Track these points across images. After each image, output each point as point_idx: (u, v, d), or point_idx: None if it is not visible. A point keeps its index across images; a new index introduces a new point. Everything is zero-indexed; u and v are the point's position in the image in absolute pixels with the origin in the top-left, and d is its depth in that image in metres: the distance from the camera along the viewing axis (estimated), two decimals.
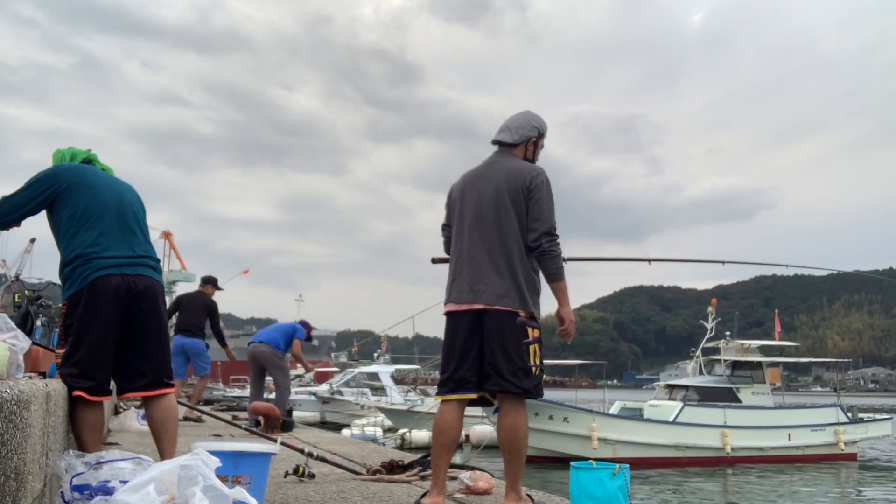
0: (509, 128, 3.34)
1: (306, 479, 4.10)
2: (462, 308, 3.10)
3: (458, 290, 3.13)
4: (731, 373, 21.24)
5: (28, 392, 1.92)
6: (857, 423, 21.14)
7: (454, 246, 3.26)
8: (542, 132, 3.39)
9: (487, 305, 3.03)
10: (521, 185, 3.12)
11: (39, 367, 3.26)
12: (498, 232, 3.10)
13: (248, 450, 2.94)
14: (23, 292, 11.36)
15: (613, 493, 2.99)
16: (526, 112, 3.43)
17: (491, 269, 3.06)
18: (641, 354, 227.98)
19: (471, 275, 3.10)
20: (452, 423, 3.08)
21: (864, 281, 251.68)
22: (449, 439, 3.07)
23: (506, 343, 2.99)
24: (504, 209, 3.11)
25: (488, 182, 3.19)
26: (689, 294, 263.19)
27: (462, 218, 3.24)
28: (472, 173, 3.34)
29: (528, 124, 3.34)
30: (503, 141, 3.33)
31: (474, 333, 3.07)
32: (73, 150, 3.33)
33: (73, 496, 2.36)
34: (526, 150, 3.34)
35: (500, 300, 3.02)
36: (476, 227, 3.15)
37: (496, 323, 3.02)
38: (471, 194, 3.23)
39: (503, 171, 3.19)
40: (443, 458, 3.06)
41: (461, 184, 3.34)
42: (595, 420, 18.33)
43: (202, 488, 1.93)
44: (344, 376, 34.96)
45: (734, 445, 18.88)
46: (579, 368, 67.55)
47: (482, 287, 3.05)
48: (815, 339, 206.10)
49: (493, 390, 3.03)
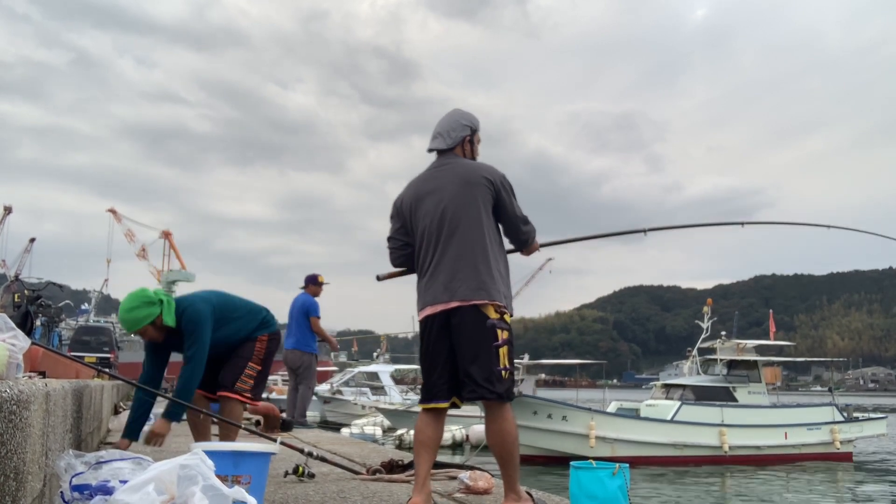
0: (441, 133, 3.28)
1: (306, 478, 4.10)
2: (437, 310, 3.06)
3: (434, 292, 3.09)
4: (728, 372, 21.33)
5: (28, 392, 1.92)
6: (852, 422, 21.25)
7: (423, 256, 3.19)
8: (475, 128, 3.34)
9: (463, 301, 3.00)
10: (483, 183, 3.11)
11: (39, 366, 3.26)
12: (468, 232, 3.08)
13: (247, 450, 2.94)
14: (22, 292, 11.40)
15: (613, 493, 2.99)
16: (453, 112, 3.36)
17: (466, 265, 3.04)
18: (641, 354, 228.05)
19: (445, 275, 3.07)
20: (427, 427, 3.09)
21: (864, 280, 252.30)
22: (426, 438, 3.07)
23: (477, 348, 2.97)
24: (470, 208, 3.09)
25: (445, 185, 3.15)
26: (689, 294, 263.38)
27: (425, 226, 3.18)
28: (423, 180, 3.27)
29: (458, 124, 3.29)
30: (439, 148, 3.27)
31: (443, 338, 3.06)
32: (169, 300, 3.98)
33: (73, 496, 2.36)
34: (464, 150, 3.30)
35: (476, 293, 3.00)
36: (443, 232, 3.11)
37: (466, 326, 3.00)
38: (429, 201, 3.17)
39: (458, 173, 3.16)
40: (422, 458, 3.04)
41: (413, 192, 3.27)
42: (593, 419, 18.36)
43: (202, 488, 1.93)
44: (344, 376, 35.02)
45: (732, 444, 18.95)
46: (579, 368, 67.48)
47: (457, 284, 3.03)
48: (814, 339, 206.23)
49: (470, 397, 3.01)
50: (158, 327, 3.92)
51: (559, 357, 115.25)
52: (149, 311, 3.87)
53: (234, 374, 4.18)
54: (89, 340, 25.62)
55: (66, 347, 24.16)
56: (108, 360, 23.91)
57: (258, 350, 4.26)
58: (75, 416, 3.33)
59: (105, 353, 24.39)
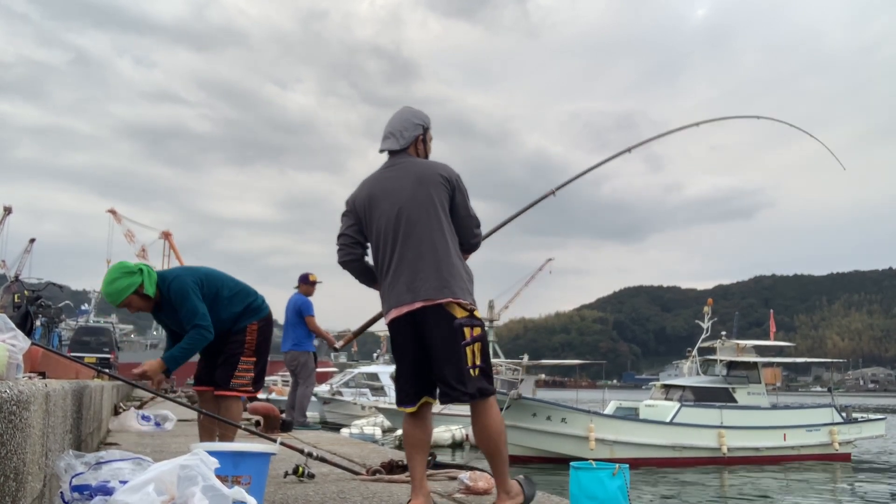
0: (393, 133, 3.17)
1: (306, 479, 4.10)
2: (402, 312, 2.98)
3: (397, 294, 3.00)
4: (727, 373, 21.32)
5: (28, 392, 1.92)
6: (851, 423, 21.26)
7: (381, 258, 3.11)
8: (427, 126, 3.24)
9: (426, 301, 2.93)
10: (439, 182, 3.05)
11: (39, 367, 3.26)
12: (428, 230, 3.00)
13: (247, 450, 2.94)
14: (22, 292, 11.39)
15: (613, 494, 2.99)
16: (404, 110, 3.25)
17: (427, 265, 2.96)
18: (641, 355, 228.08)
19: (406, 275, 2.99)
20: (414, 429, 3.06)
21: (864, 281, 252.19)
22: (415, 440, 3.04)
23: (445, 349, 2.91)
24: (428, 207, 3.02)
25: (401, 185, 3.07)
26: (689, 294, 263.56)
27: (380, 227, 3.08)
28: (377, 180, 3.17)
29: (410, 124, 3.18)
30: (391, 149, 3.17)
31: (410, 339, 2.99)
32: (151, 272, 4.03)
33: (73, 496, 2.36)
34: (417, 150, 3.21)
35: (440, 292, 2.93)
36: (400, 232, 3.03)
37: (432, 326, 2.93)
38: (384, 202, 3.08)
39: (413, 172, 3.08)
40: (415, 459, 3.03)
41: (367, 192, 3.16)
42: (593, 420, 18.34)
43: (202, 488, 1.93)
44: (344, 376, 35.00)
45: (731, 446, 18.94)
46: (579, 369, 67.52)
47: (419, 283, 2.95)
48: (814, 339, 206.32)
49: (444, 401, 2.97)
50: (143, 297, 3.94)
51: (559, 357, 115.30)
52: (130, 281, 3.89)
53: (228, 371, 4.18)
54: (89, 341, 25.63)
55: (65, 348, 24.15)
56: (108, 360, 23.91)
57: (249, 341, 4.24)
58: (75, 417, 3.33)
59: (105, 354, 24.40)
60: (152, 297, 3.97)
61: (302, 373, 8.41)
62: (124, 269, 3.93)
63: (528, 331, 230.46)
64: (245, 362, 4.21)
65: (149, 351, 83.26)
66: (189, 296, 3.97)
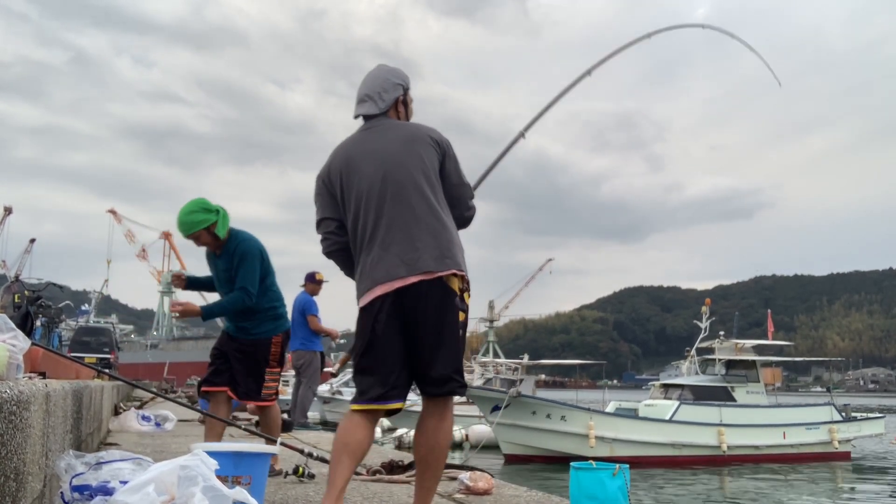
0: (370, 96, 2.77)
1: (306, 479, 4.10)
2: (392, 287, 2.51)
3: (386, 267, 2.53)
4: (726, 372, 21.36)
5: (28, 392, 1.92)
6: (850, 421, 21.30)
7: (361, 225, 2.63)
8: (407, 86, 2.85)
9: (425, 274, 2.49)
10: (429, 142, 2.67)
11: (39, 367, 3.26)
12: (416, 193, 2.59)
13: (247, 450, 2.94)
14: (23, 293, 11.37)
15: (613, 494, 3.00)
16: (380, 68, 2.86)
17: (424, 231, 2.55)
18: (641, 355, 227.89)
19: (399, 243, 2.54)
20: (359, 430, 2.57)
21: (864, 281, 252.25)
22: (355, 444, 2.54)
23: (443, 332, 2.50)
24: (418, 167, 2.63)
25: (385, 144, 2.67)
26: (689, 294, 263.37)
27: (362, 190, 2.64)
28: (354, 142, 2.76)
29: (389, 83, 2.79)
30: (369, 113, 2.76)
31: (394, 322, 2.52)
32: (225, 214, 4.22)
33: (73, 496, 2.36)
34: (398, 113, 2.82)
35: (441, 263, 2.52)
36: (387, 194, 2.60)
37: (430, 304, 2.50)
38: (366, 163, 2.66)
39: (398, 132, 2.70)
40: (343, 465, 2.50)
41: (343, 156, 2.73)
42: (592, 419, 18.37)
43: (202, 489, 1.93)
44: (344, 376, 34.93)
45: (730, 444, 18.96)
46: (579, 369, 67.47)
47: (415, 254, 2.51)
48: (814, 340, 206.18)
49: (435, 393, 2.53)
50: (212, 235, 4.16)
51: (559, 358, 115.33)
52: (205, 217, 4.11)
53: (257, 382, 4.33)
54: (89, 341, 25.60)
55: (66, 348, 24.13)
56: (109, 360, 23.90)
57: (274, 353, 4.38)
58: (75, 417, 3.34)
59: (105, 354, 24.38)
60: (221, 238, 4.18)
61: (306, 371, 8.41)
62: (203, 204, 4.15)
63: (528, 331, 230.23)
64: (270, 373, 4.38)
65: (149, 351, 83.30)
66: (252, 260, 4.19)
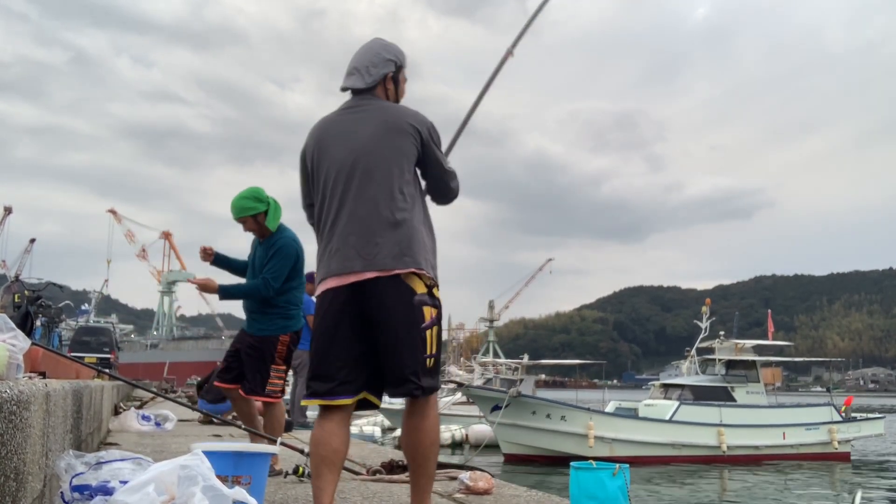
0: (358, 69, 2.64)
1: (306, 479, 4.09)
2: (346, 281, 2.46)
3: (341, 259, 2.48)
4: (726, 372, 21.37)
5: (28, 392, 1.92)
6: (850, 421, 21.29)
7: (325, 213, 2.57)
8: (400, 63, 2.71)
9: (382, 271, 2.43)
10: (408, 131, 2.54)
11: (39, 367, 3.26)
12: (388, 186, 2.49)
13: (247, 450, 2.94)
14: (23, 292, 11.37)
15: (613, 494, 3.00)
16: (373, 43, 2.72)
17: (384, 226, 2.46)
18: (641, 355, 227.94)
19: (357, 236, 2.47)
20: (331, 436, 2.48)
21: (864, 281, 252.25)
22: (330, 452, 2.46)
23: (400, 332, 2.42)
24: (392, 160, 2.52)
25: (359, 128, 2.56)
26: (689, 294, 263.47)
27: (329, 176, 2.57)
28: (330, 122, 2.66)
29: (380, 58, 2.65)
30: (355, 87, 2.64)
31: (346, 316, 2.47)
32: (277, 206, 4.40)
33: (73, 496, 2.36)
34: (386, 91, 2.67)
35: (399, 261, 2.44)
36: (353, 182, 2.52)
37: (386, 302, 2.43)
38: (336, 147, 2.57)
39: (375, 116, 2.57)
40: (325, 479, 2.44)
41: (317, 136, 2.65)
42: (592, 419, 18.37)
43: (202, 488, 1.93)
44: None
45: (730, 444, 18.97)
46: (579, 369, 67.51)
47: (373, 248, 2.44)
48: (814, 340, 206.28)
49: (393, 394, 2.50)
50: (258, 223, 4.34)
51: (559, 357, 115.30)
52: (254, 206, 4.31)
53: (262, 378, 4.36)
54: (89, 341, 25.62)
55: (66, 348, 24.15)
56: (109, 360, 23.91)
57: (280, 351, 4.41)
58: (75, 417, 3.33)
59: (105, 354, 24.40)
60: (270, 230, 4.35)
61: (304, 371, 8.42)
62: (256, 194, 4.35)
63: (528, 331, 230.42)
64: (276, 370, 4.41)
65: (149, 351, 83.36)
66: (286, 258, 4.31)
